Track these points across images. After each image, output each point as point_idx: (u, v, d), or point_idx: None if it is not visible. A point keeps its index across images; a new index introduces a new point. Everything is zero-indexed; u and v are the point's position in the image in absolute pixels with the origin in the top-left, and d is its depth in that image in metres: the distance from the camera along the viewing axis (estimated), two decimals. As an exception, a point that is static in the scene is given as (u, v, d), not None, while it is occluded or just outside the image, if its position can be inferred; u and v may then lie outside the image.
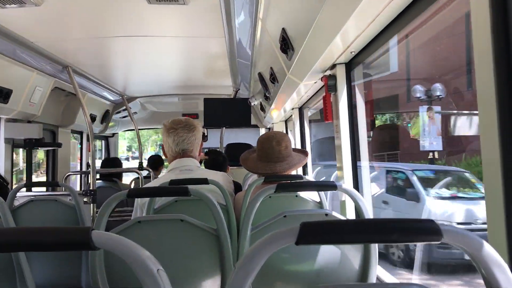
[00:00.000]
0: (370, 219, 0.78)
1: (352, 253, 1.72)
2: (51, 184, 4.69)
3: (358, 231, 0.77)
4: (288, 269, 1.70)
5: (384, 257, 6.26)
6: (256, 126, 6.59)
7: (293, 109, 4.69)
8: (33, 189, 4.08)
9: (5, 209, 1.99)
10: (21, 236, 0.77)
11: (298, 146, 4.72)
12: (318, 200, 2.48)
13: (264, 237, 0.79)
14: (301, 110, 4.67)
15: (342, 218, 1.76)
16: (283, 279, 1.70)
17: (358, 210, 1.71)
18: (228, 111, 5.34)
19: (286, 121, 6.00)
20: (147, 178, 5.21)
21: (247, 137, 6.33)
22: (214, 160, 3.98)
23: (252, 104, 5.07)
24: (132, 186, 5.82)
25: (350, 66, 2.49)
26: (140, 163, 5.19)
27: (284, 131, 5.88)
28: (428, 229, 0.75)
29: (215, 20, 2.80)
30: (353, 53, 2.27)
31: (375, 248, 1.69)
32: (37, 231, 0.78)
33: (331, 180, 5.14)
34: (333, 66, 2.52)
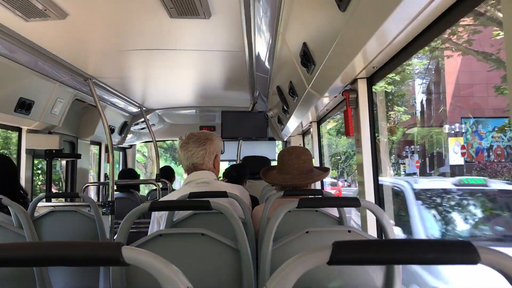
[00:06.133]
0: (404, 239, 0.76)
1: (375, 272, 1.68)
2: (71, 195, 4.73)
3: (392, 252, 0.75)
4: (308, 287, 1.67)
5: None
6: (273, 139, 6.58)
7: (311, 122, 4.68)
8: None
9: (28, 220, 2.00)
10: (51, 251, 0.77)
11: (316, 159, 4.70)
12: (336, 215, 2.44)
13: (295, 256, 0.77)
14: (319, 124, 4.65)
15: (368, 236, 1.73)
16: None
17: (382, 228, 1.68)
18: (245, 123, 5.34)
19: (303, 135, 5.98)
20: (164, 189, 5.21)
21: (264, 150, 6.31)
22: (232, 174, 4.04)
23: (269, 117, 5.07)
24: (148, 198, 5.84)
25: (371, 80, 2.48)
26: (158, 175, 5.21)
27: (301, 144, 5.86)
28: (464, 251, 0.73)
29: (236, 34, 2.81)
30: (375, 68, 2.26)
31: (399, 268, 1.65)
32: (66, 245, 0.77)
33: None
34: (355, 81, 2.51)
